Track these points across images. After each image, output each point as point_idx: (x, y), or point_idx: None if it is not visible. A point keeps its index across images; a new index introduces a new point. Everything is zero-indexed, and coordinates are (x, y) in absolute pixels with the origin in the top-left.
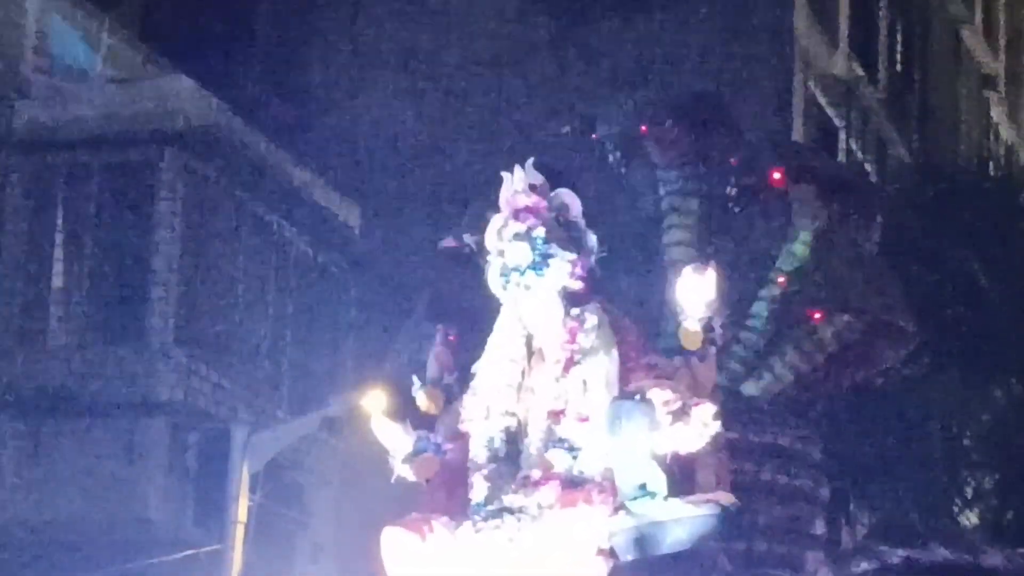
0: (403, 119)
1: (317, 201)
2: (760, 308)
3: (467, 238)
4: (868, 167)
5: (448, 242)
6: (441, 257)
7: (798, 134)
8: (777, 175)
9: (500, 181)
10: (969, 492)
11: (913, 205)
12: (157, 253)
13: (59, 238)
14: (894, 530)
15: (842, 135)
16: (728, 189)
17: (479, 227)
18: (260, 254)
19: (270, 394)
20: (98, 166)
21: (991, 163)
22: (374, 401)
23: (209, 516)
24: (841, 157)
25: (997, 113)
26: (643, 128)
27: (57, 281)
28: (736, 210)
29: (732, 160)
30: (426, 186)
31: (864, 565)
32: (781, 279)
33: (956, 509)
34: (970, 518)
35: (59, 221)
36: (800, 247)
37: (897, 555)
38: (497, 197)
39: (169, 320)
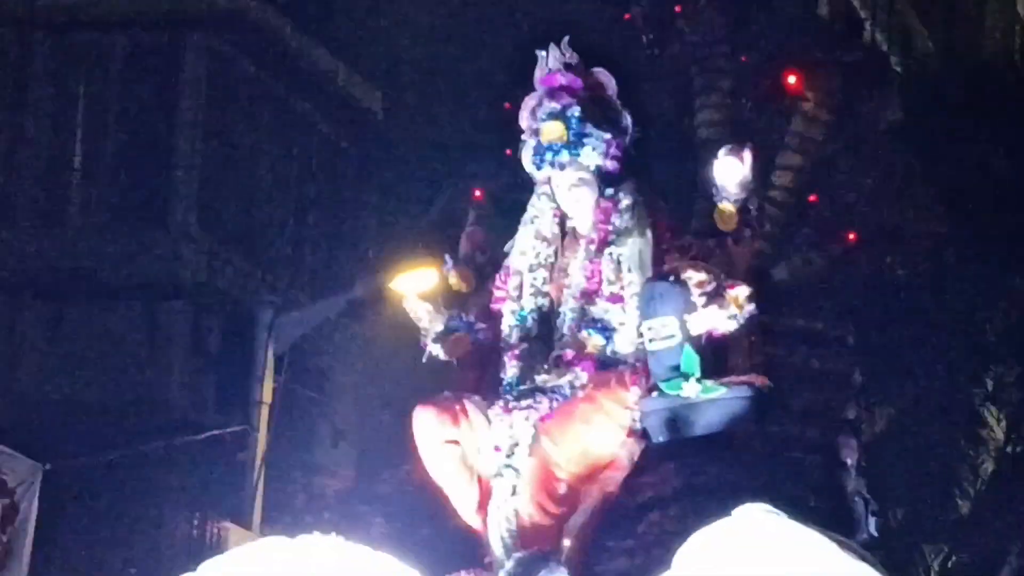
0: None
1: (340, 85)
2: (781, 178)
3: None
4: (892, 58)
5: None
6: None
7: (822, 14)
8: (792, 79)
9: (528, 65)
10: (990, 385)
11: (936, 97)
12: (180, 135)
13: (81, 120)
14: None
15: (867, 25)
16: (743, 102)
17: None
18: (283, 138)
19: (292, 278)
20: (121, 47)
21: (1017, 56)
22: (404, 282)
23: (230, 399)
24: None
25: (1022, 6)
26: (677, 8)
27: (79, 163)
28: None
29: (743, 58)
30: (451, 71)
31: None
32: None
33: (977, 401)
34: (991, 410)
35: (81, 103)
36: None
37: None
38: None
39: (192, 203)
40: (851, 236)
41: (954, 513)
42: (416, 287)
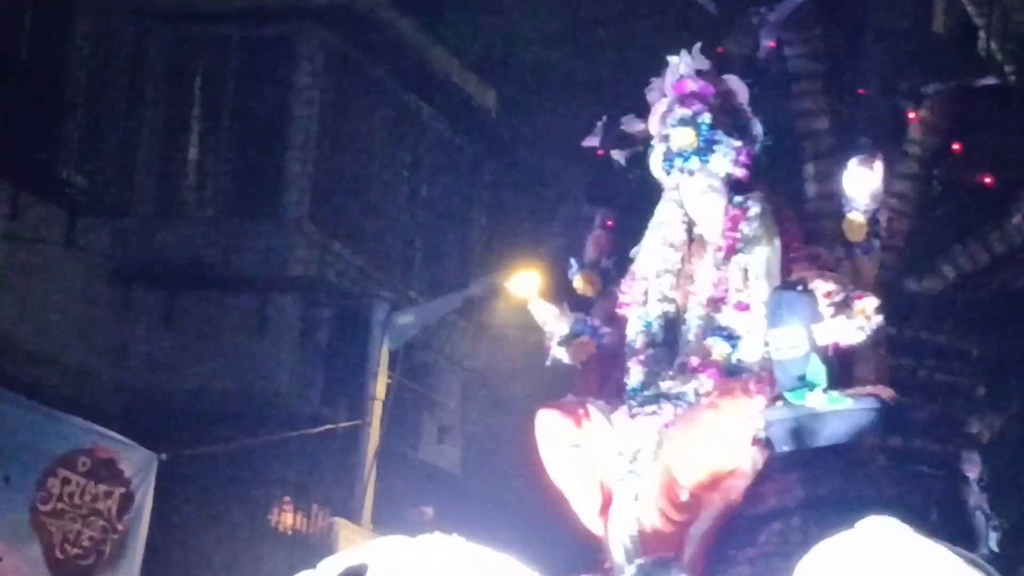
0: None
1: (454, 82)
2: (900, 186)
3: (628, 123)
4: (1007, 67)
5: (590, 141)
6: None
7: (938, 30)
8: (912, 115)
9: (648, 70)
10: None
11: None
12: (294, 128)
13: (197, 111)
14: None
15: (981, 34)
16: (862, 139)
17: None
18: (396, 133)
19: (402, 274)
20: (237, 39)
21: None
22: (526, 283)
23: (338, 393)
24: (980, 56)
25: None
26: (771, 43)
27: (194, 154)
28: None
29: (861, 91)
30: (565, 70)
31: None
32: (956, 145)
33: None
34: None
35: (197, 94)
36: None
37: None
38: (643, 86)
39: (305, 196)
40: (987, 180)
41: None
42: (537, 289)
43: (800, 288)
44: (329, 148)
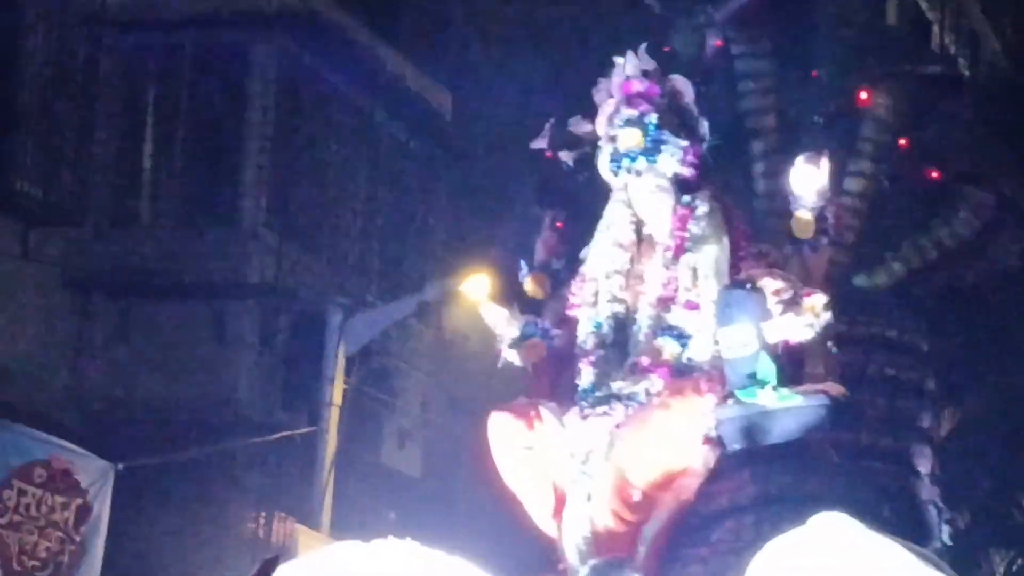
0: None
1: (408, 87)
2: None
3: (576, 124)
4: (960, 60)
5: (538, 143)
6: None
7: (891, 22)
8: (864, 95)
9: (598, 71)
10: None
11: (1007, 100)
12: (249, 136)
13: (151, 119)
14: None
15: (935, 28)
16: (815, 118)
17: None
18: (352, 139)
19: (360, 278)
20: (191, 47)
21: None
22: (478, 286)
23: (297, 399)
24: (933, 50)
25: None
26: (717, 42)
27: (149, 162)
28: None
29: (814, 73)
30: (518, 72)
31: None
32: (903, 141)
33: None
34: None
35: (151, 102)
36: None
37: None
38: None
39: (261, 203)
40: (934, 174)
41: (1022, 517)
42: (488, 293)
43: (749, 286)
44: (285, 155)
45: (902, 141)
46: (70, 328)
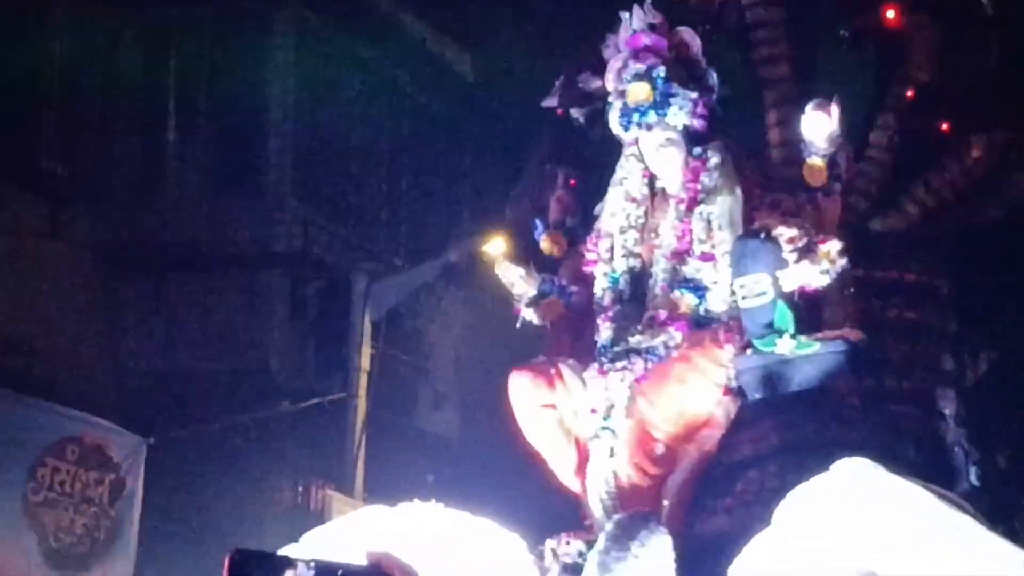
0: None
1: (431, 50)
2: (878, 136)
3: (585, 81)
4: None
5: (549, 101)
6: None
7: None
8: (891, 13)
9: (613, 27)
10: None
11: None
12: (272, 105)
13: (174, 92)
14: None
15: None
16: (841, 33)
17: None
18: (374, 104)
19: (387, 243)
20: (211, 19)
21: None
22: (496, 246)
23: (330, 366)
24: None
25: None
26: None
27: (174, 135)
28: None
29: None
30: (538, 31)
31: None
32: (909, 92)
33: None
34: None
35: (173, 76)
36: (921, 73)
37: None
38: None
39: (286, 171)
40: (944, 127)
41: None
42: (504, 252)
43: (763, 236)
44: (308, 122)
45: (909, 93)
46: (101, 304)
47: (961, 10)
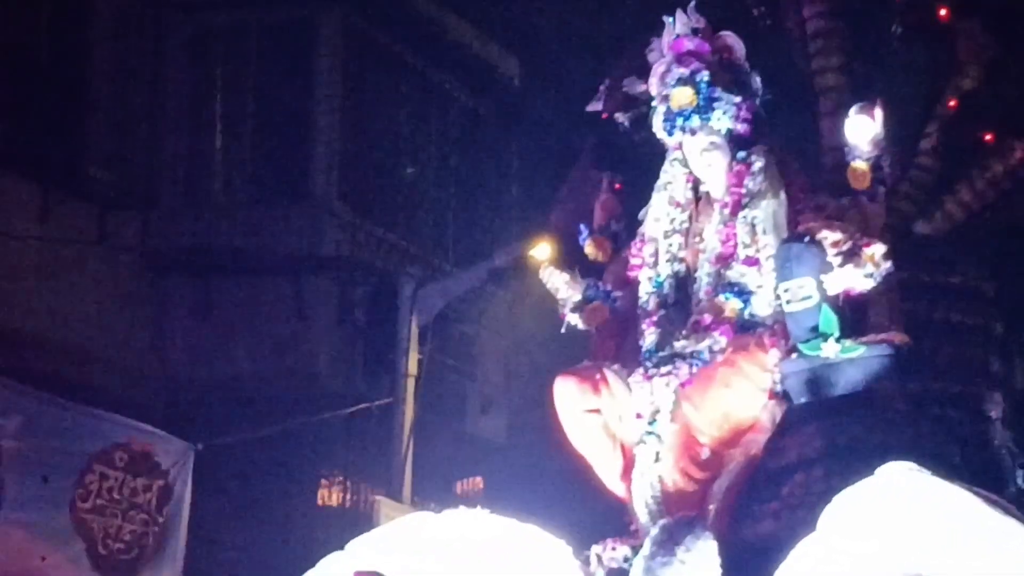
0: None
1: (477, 54)
2: (927, 143)
3: (630, 85)
4: None
5: (594, 105)
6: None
7: None
8: (943, 11)
9: (657, 31)
10: None
11: None
12: (319, 110)
13: (220, 98)
14: None
15: None
16: (893, 28)
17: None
18: (420, 108)
19: (435, 247)
20: (257, 25)
21: None
22: (542, 251)
23: (378, 370)
24: None
25: None
26: None
27: (221, 141)
28: (897, 45)
29: None
30: (585, 33)
31: None
32: (952, 102)
33: None
34: None
35: (220, 81)
36: (968, 81)
37: None
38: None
39: (333, 176)
40: (987, 137)
41: None
42: (549, 257)
43: (808, 239)
44: (354, 127)
45: (952, 103)
46: (149, 310)
47: (1012, 15)
